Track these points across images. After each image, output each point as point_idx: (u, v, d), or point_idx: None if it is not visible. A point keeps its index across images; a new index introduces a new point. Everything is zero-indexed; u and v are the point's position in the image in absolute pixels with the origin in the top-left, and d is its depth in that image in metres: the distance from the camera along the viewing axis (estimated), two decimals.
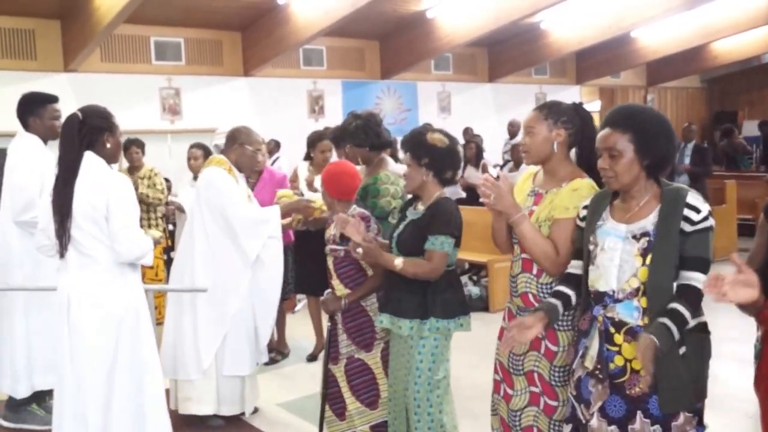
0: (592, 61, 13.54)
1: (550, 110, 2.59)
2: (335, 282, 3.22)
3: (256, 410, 4.11)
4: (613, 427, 2.20)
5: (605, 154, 2.21)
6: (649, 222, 2.17)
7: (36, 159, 3.77)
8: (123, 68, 9.22)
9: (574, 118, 2.60)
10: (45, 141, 3.88)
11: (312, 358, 5.13)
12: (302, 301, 6.30)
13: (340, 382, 3.23)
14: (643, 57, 13.21)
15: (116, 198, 2.80)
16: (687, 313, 2.07)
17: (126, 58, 9.29)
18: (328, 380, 3.28)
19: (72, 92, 8.08)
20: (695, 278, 2.10)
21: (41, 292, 3.61)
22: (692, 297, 2.10)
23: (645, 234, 2.16)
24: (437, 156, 2.85)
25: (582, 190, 2.52)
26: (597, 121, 2.59)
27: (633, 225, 2.20)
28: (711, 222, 2.13)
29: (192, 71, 9.78)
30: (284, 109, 10.47)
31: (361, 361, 3.18)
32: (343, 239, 3.11)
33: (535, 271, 2.58)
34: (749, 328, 5.05)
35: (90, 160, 2.83)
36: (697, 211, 2.12)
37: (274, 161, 7.71)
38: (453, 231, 2.83)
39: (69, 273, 2.83)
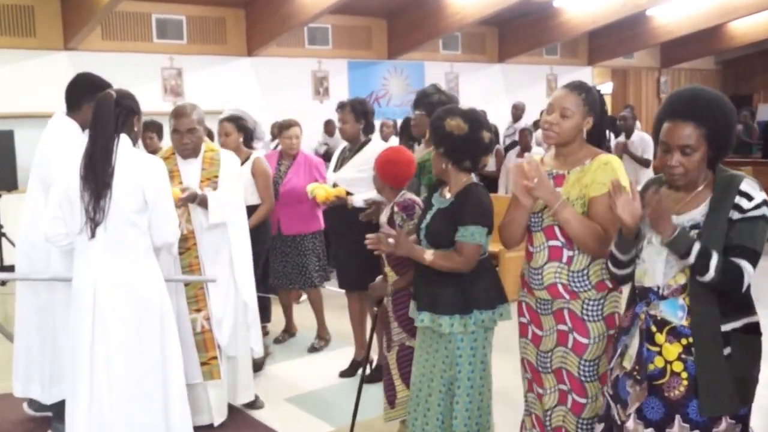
0: (605, 41, 13.20)
1: (588, 95, 2.49)
2: (387, 269, 3.21)
3: (262, 404, 3.96)
4: (650, 429, 2.09)
5: (677, 152, 2.02)
6: (699, 213, 2.03)
7: (76, 152, 3.46)
8: (124, 47, 9.02)
9: (596, 105, 2.52)
10: (84, 128, 3.50)
11: (311, 349, 4.96)
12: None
13: (392, 369, 3.23)
14: (657, 37, 12.90)
15: (157, 182, 2.80)
16: (715, 260, 1.92)
17: (127, 36, 9.09)
18: (382, 368, 3.33)
19: (72, 71, 7.63)
20: (741, 264, 1.95)
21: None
22: (731, 264, 1.93)
23: (695, 226, 2.02)
24: (454, 144, 2.69)
25: (612, 162, 2.44)
26: (608, 103, 2.48)
27: (683, 216, 2.05)
28: (763, 211, 1.96)
29: (194, 50, 9.56)
30: (289, 89, 10.26)
31: (412, 348, 3.10)
32: (391, 226, 3.10)
33: (565, 259, 2.46)
34: None
35: (125, 141, 2.80)
36: (750, 198, 1.97)
37: (276, 146, 7.49)
38: (484, 220, 2.69)
39: (95, 255, 2.73)
